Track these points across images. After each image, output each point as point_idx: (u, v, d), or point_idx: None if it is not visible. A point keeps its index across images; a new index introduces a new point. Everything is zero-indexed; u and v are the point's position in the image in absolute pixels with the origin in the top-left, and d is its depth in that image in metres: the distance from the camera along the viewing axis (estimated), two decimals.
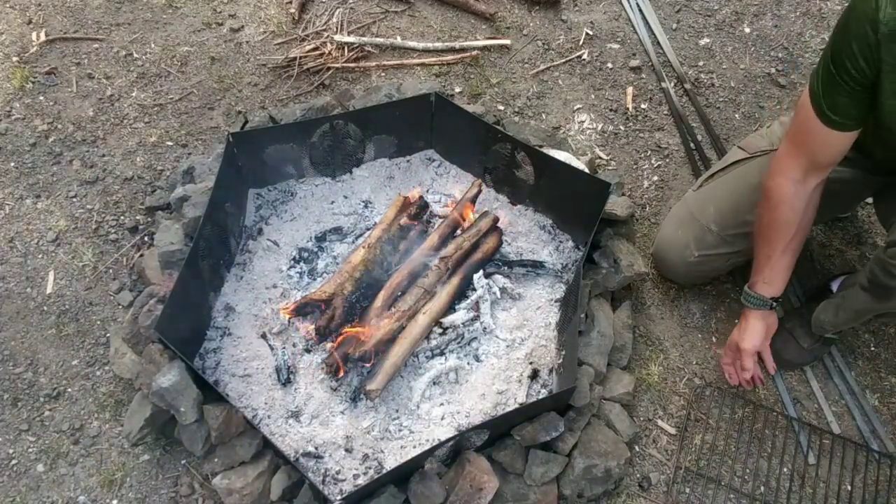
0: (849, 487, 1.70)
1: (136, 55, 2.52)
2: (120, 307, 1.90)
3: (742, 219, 1.73)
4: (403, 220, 1.91)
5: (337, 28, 2.62)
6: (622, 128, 2.40)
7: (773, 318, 1.74)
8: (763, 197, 1.57)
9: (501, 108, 2.43)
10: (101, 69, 2.47)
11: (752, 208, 1.71)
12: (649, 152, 2.34)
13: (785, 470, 1.72)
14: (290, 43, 2.59)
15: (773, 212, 1.56)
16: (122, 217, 2.09)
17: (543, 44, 2.64)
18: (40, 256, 2.00)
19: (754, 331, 1.70)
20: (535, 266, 1.91)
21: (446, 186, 2.14)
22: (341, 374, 1.66)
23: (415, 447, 1.61)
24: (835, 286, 1.88)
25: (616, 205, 1.91)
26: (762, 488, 1.69)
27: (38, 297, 1.92)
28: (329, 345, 1.70)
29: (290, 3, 2.70)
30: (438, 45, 2.59)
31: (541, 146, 2.07)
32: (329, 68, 2.49)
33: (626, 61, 2.59)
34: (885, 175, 1.64)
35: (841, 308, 1.70)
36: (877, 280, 1.47)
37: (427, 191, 2.13)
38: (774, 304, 1.68)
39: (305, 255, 1.94)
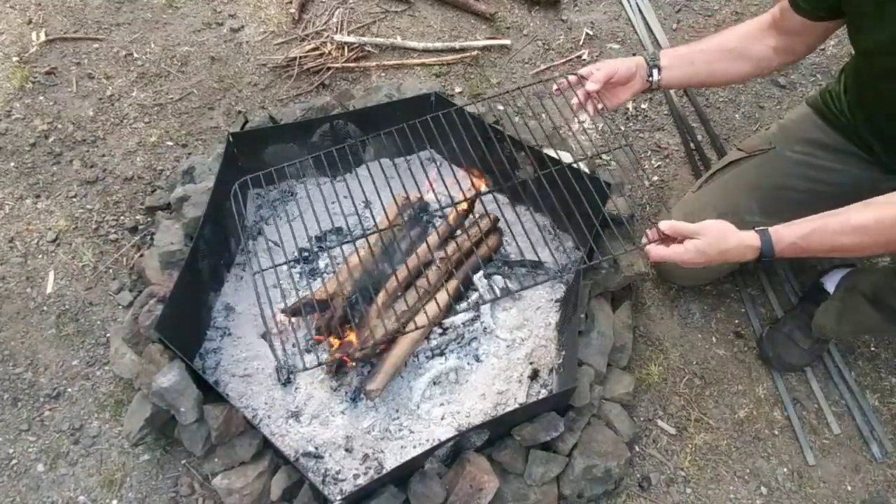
0: (849, 488, 1.70)
1: (136, 55, 2.52)
2: (120, 307, 1.90)
3: (741, 219, 1.72)
4: (403, 220, 1.91)
5: (337, 28, 2.62)
6: (622, 128, 2.40)
7: (641, 71, 1.56)
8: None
9: (501, 108, 2.43)
10: (101, 69, 2.47)
11: (751, 209, 1.71)
12: (649, 152, 2.34)
13: (785, 470, 1.72)
14: (290, 43, 2.59)
15: (736, 25, 1.64)
16: (122, 217, 2.09)
17: (543, 44, 2.64)
18: (40, 256, 2.00)
19: (628, 61, 1.55)
20: (535, 266, 1.91)
21: (446, 186, 2.13)
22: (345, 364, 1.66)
23: (415, 447, 1.61)
24: (828, 284, 1.88)
25: (616, 205, 1.91)
26: (762, 489, 1.69)
27: (38, 297, 1.92)
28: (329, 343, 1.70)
29: (290, 3, 2.70)
30: (438, 45, 2.59)
31: (541, 146, 2.06)
32: (329, 68, 2.49)
33: None
34: (890, 172, 1.64)
35: (844, 317, 1.69)
36: (886, 302, 1.47)
37: (427, 191, 2.13)
38: (656, 66, 1.56)
39: (305, 255, 1.94)
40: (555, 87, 1.58)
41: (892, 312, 1.47)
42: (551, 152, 1.98)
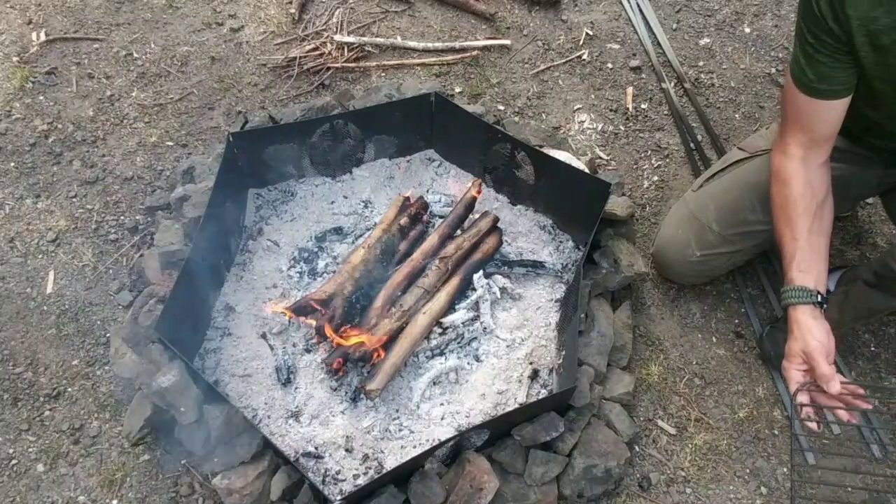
0: (849, 488, 1.70)
1: (136, 55, 2.52)
2: (120, 307, 1.90)
3: (742, 217, 1.73)
4: (403, 221, 1.91)
5: (337, 28, 2.62)
6: (622, 128, 2.40)
7: (826, 324, 1.36)
8: (772, 178, 1.52)
9: (501, 108, 2.43)
10: (101, 69, 2.47)
11: (753, 207, 1.71)
12: (649, 152, 2.34)
13: (785, 470, 1.72)
14: (290, 43, 2.59)
15: (786, 187, 1.46)
16: (122, 217, 2.09)
17: (543, 44, 2.64)
18: (40, 256, 2.00)
19: (815, 328, 1.33)
20: (535, 266, 1.91)
21: (446, 186, 2.14)
22: (341, 374, 1.66)
23: (415, 447, 1.61)
24: (829, 283, 1.88)
25: (616, 205, 1.91)
26: (762, 489, 1.69)
27: (38, 297, 1.92)
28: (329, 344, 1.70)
29: (290, 3, 2.70)
30: (438, 45, 2.59)
31: (541, 146, 2.07)
32: (329, 68, 2.49)
33: (626, 61, 2.59)
34: (890, 166, 1.64)
35: (846, 305, 1.70)
36: (887, 276, 1.46)
37: (427, 191, 2.13)
38: (821, 299, 1.37)
39: (305, 255, 1.94)
40: (812, 425, 1.34)
41: (892, 282, 1.46)
42: (551, 151, 1.98)
